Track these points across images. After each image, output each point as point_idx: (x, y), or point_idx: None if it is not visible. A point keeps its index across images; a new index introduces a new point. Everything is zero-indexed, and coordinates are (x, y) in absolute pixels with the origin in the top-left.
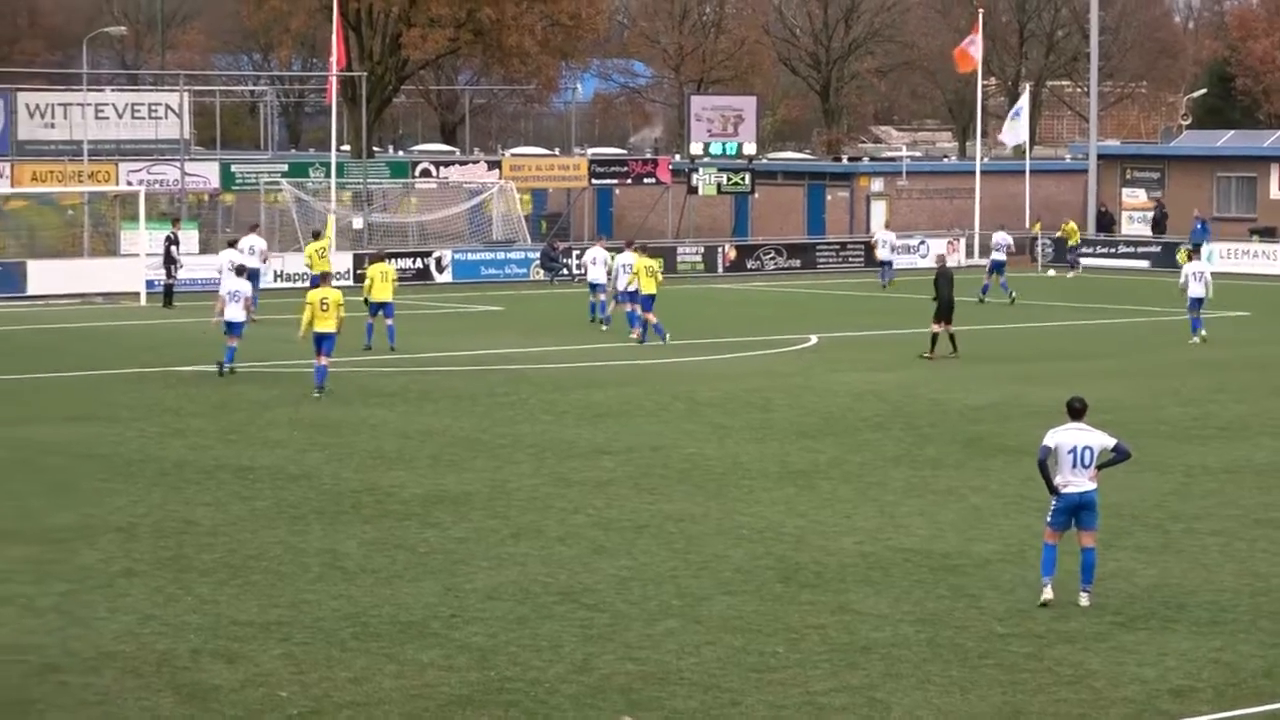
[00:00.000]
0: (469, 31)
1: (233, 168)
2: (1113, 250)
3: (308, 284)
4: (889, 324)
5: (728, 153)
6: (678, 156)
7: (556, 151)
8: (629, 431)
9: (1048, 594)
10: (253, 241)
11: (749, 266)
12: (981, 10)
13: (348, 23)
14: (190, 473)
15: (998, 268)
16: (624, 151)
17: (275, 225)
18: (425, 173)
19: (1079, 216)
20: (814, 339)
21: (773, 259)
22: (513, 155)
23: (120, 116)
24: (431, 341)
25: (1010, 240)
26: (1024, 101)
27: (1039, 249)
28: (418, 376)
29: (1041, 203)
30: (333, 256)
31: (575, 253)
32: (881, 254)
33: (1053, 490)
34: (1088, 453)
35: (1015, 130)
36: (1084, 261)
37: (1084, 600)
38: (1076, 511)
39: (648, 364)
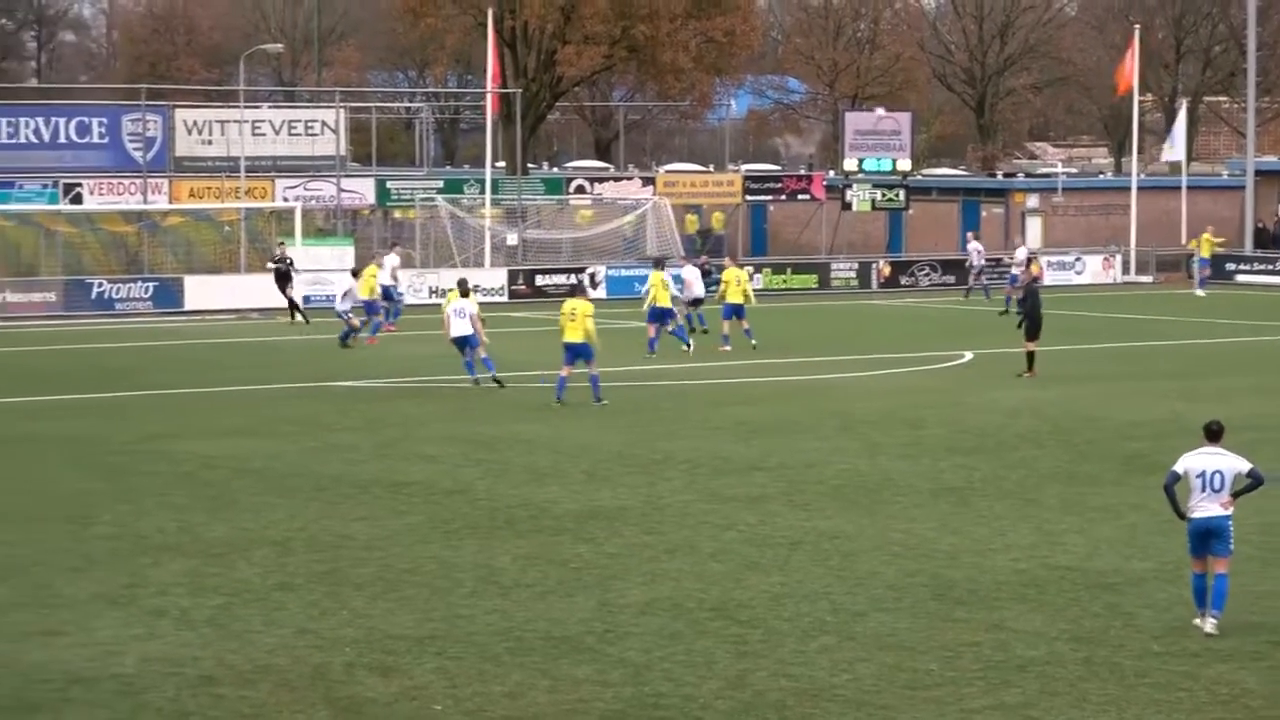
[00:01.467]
0: (624, 48)
1: (388, 184)
2: (1271, 267)
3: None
4: (1044, 341)
5: (882, 169)
6: (832, 172)
7: (710, 168)
8: (782, 447)
9: (1207, 626)
10: (392, 260)
11: (903, 283)
12: (1138, 26)
13: (503, 40)
14: (345, 487)
15: None
16: (778, 168)
17: (430, 241)
18: (579, 189)
19: (1235, 233)
20: (968, 355)
21: (927, 275)
22: (666, 171)
23: (277, 133)
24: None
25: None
26: (1181, 119)
27: (1193, 266)
28: (572, 392)
29: (1199, 219)
30: (485, 274)
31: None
32: (973, 263)
33: (1180, 515)
34: (1218, 477)
35: (1176, 149)
36: (1241, 279)
37: (1208, 627)
38: (1205, 537)
39: (799, 380)
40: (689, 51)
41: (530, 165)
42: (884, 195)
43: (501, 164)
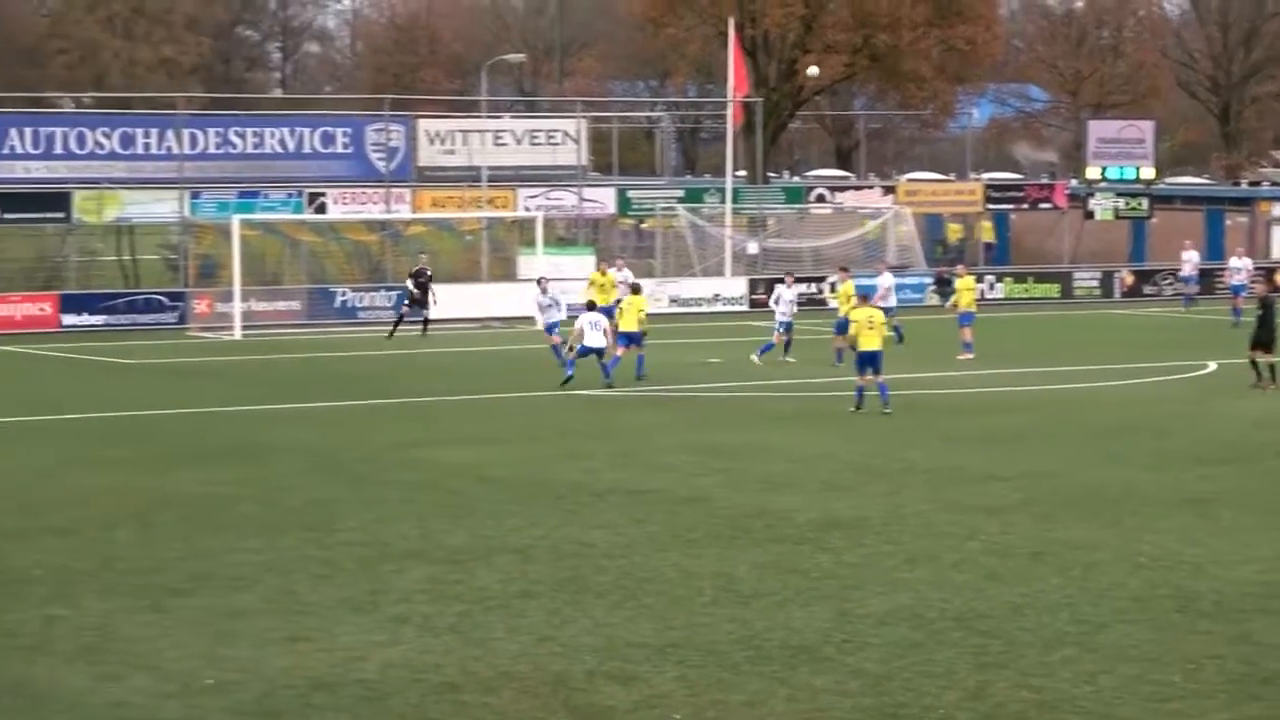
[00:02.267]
0: (865, 57)
1: (628, 193)
2: None
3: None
4: None
5: (1125, 177)
6: (1074, 181)
7: (951, 176)
8: (1023, 457)
9: None
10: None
11: (1146, 292)
12: None
13: (744, 48)
14: (584, 495)
15: None
16: (1019, 176)
17: (670, 251)
18: (820, 198)
19: None
20: (1212, 365)
21: (1170, 284)
22: (908, 180)
23: (518, 143)
24: (822, 367)
25: None
26: None
27: None
28: (809, 400)
29: None
30: (726, 283)
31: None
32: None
33: None
34: None
35: None
36: None
37: None
38: None
39: (1039, 390)
40: (930, 60)
41: (770, 174)
42: (1127, 204)
43: (742, 173)
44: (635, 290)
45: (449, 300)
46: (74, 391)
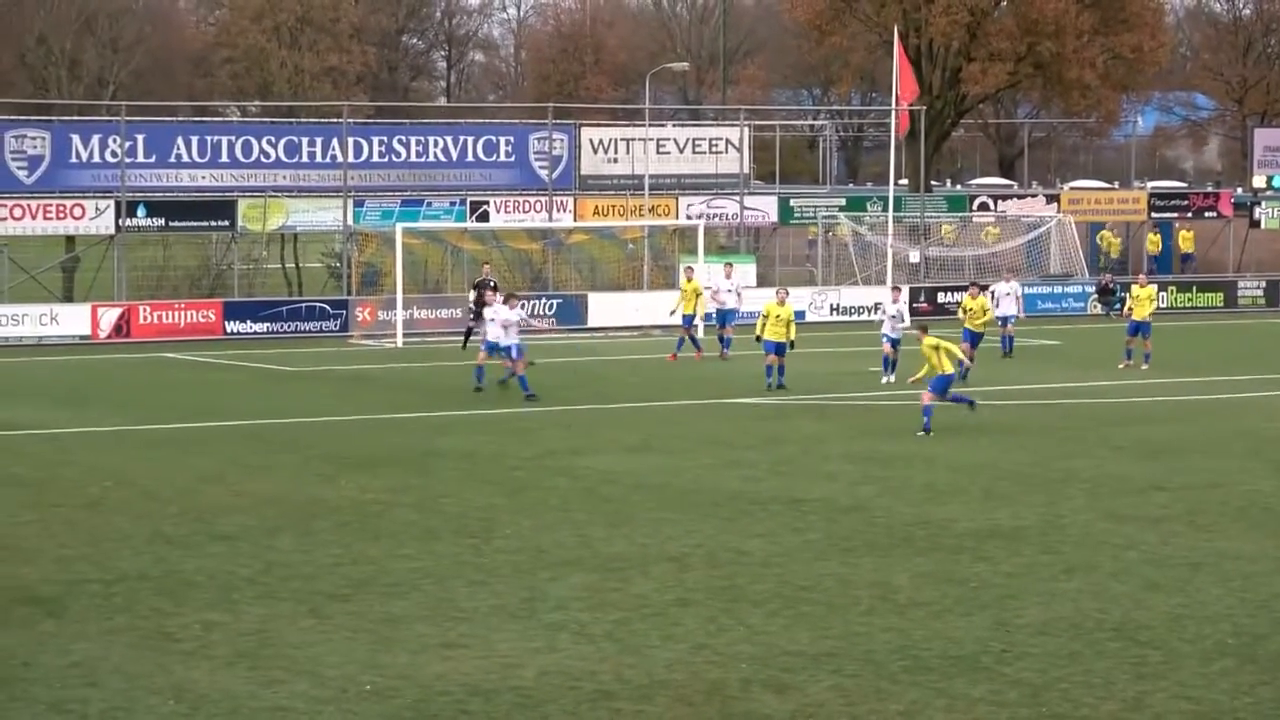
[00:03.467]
0: (1029, 65)
1: (791, 202)
2: None
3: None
4: None
5: None
6: (1240, 189)
7: (1115, 185)
8: (1185, 467)
9: None
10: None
11: None
12: None
13: (908, 56)
14: (743, 504)
15: None
16: (1184, 185)
17: (832, 259)
18: (983, 206)
19: None
20: None
21: None
22: (1071, 189)
23: (680, 151)
24: (987, 375)
25: None
26: None
27: None
28: (971, 411)
29: None
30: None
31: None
32: None
33: None
34: None
35: None
36: None
37: None
38: None
39: (1205, 400)
40: (1095, 68)
41: (933, 182)
42: None
43: (904, 181)
44: (781, 300)
45: (611, 308)
46: (237, 398)
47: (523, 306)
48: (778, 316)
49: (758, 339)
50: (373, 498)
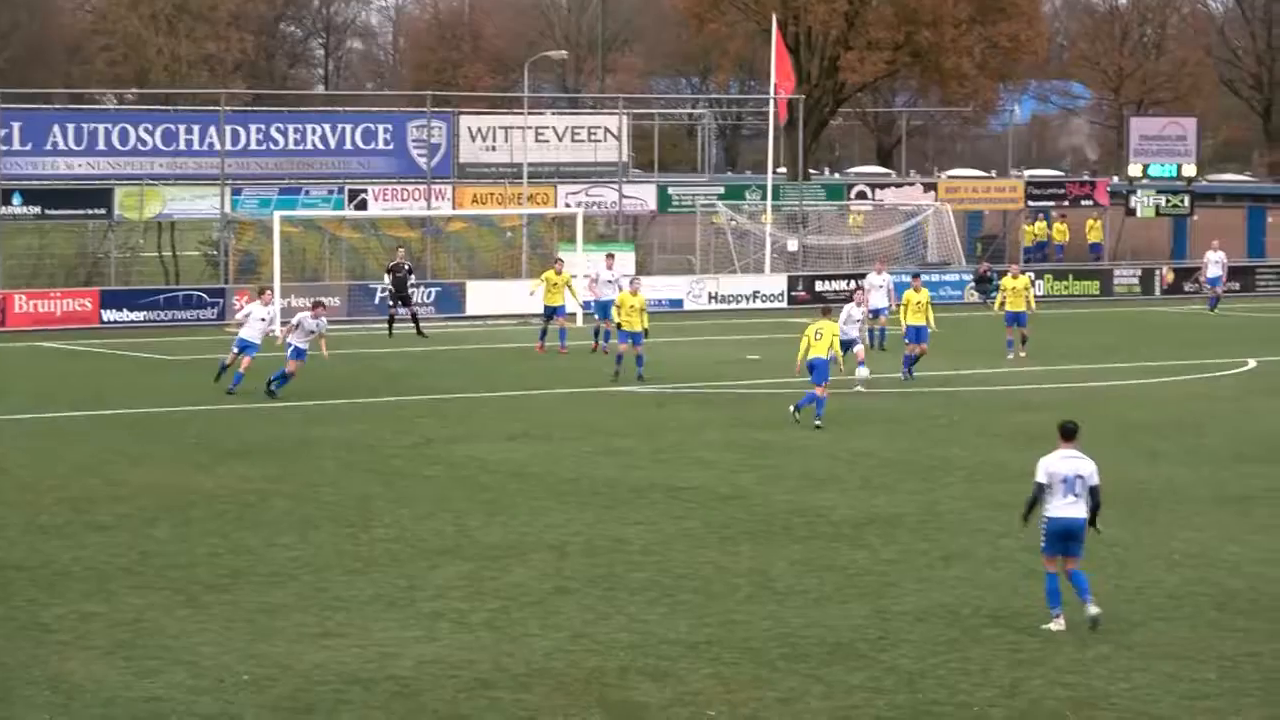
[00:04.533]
0: (907, 54)
1: (669, 190)
2: None
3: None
4: None
5: (1166, 174)
6: (1115, 178)
7: (992, 173)
8: None
9: (1058, 624)
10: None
11: (1187, 289)
12: None
13: (786, 45)
14: (621, 492)
15: None
16: (1061, 173)
17: (710, 248)
18: (860, 195)
19: None
20: (1252, 363)
21: (1206, 280)
22: (948, 177)
23: (559, 139)
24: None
25: None
26: None
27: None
28: (848, 399)
29: None
30: (765, 280)
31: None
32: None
33: (1026, 519)
34: (1079, 481)
35: None
36: None
37: (1092, 610)
38: (1065, 539)
39: (1081, 387)
40: (973, 57)
41: (811, 171)
42: (1168, 201)
43: (783, 170)
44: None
45: (489, 296)
46: (114, 388)
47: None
48: (631, 306)
49: (617, 328)
50: (250, 487)
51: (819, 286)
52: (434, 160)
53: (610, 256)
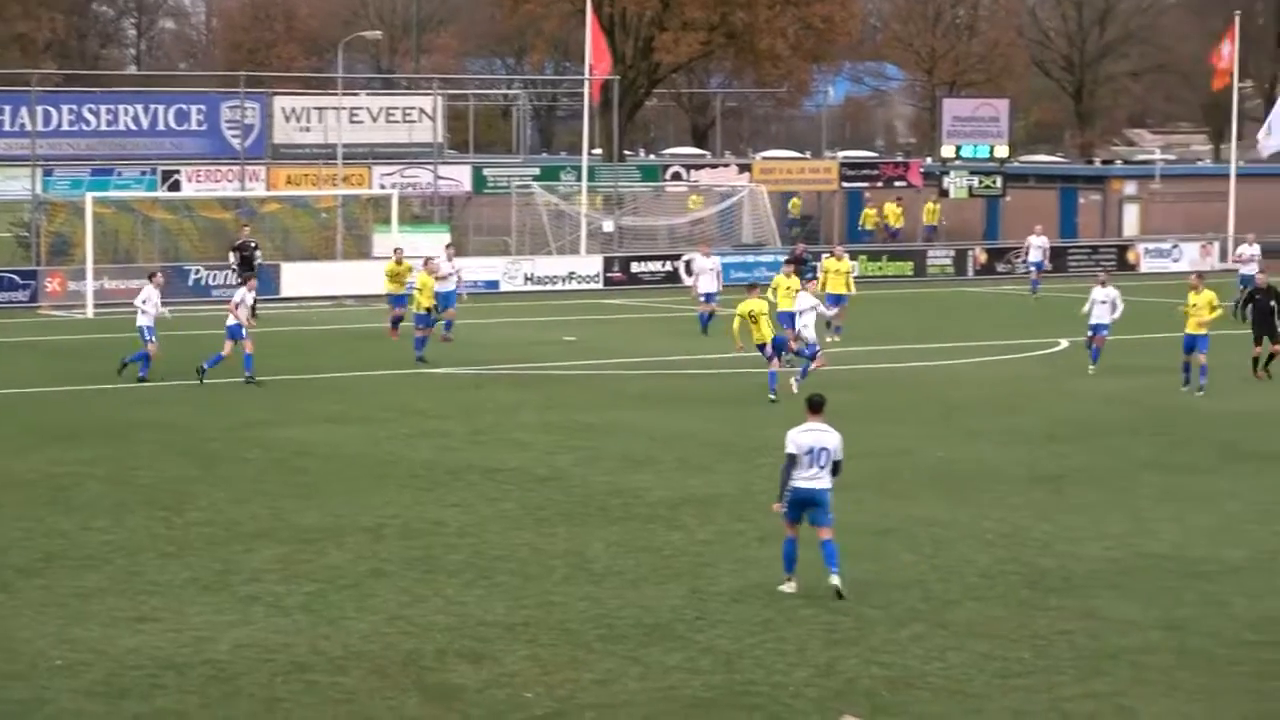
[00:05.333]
0: (721, 35)
1: (485, 171)
2: None
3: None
4: (1140, 328)
5: (979, 155)
6: (929, 159)
7: (807, 154)
8: (875, 435)
9: (789, 588)
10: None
11: (999, 270)
12: (1238, 13)
13: (601, 26)
14: (439, 474)
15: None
16: (875, 154)
17: (526, 229)
18: (676, 176)
19: None
20: (1064, 343)
21: (1024, 262)
22: (763, 158)
23: (374, 120)
24: (678, 344)
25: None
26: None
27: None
28: (666, 379)
29: None
30: (581, 261)
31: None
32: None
33: (782, 495)
34: (824, 454)
35: (1274, 139)
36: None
37: (835, 580)
38: (807, 506)
39: (896, 368)
40: (787, 38)
41: (627, 152)
42: (981, 182)
43: (598, 151)
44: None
45: (303, 278)
46: None
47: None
48: (427, 286)
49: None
50: (64, 470)
51: (635, 268)
52: (248, 141)
53: (449, 247)
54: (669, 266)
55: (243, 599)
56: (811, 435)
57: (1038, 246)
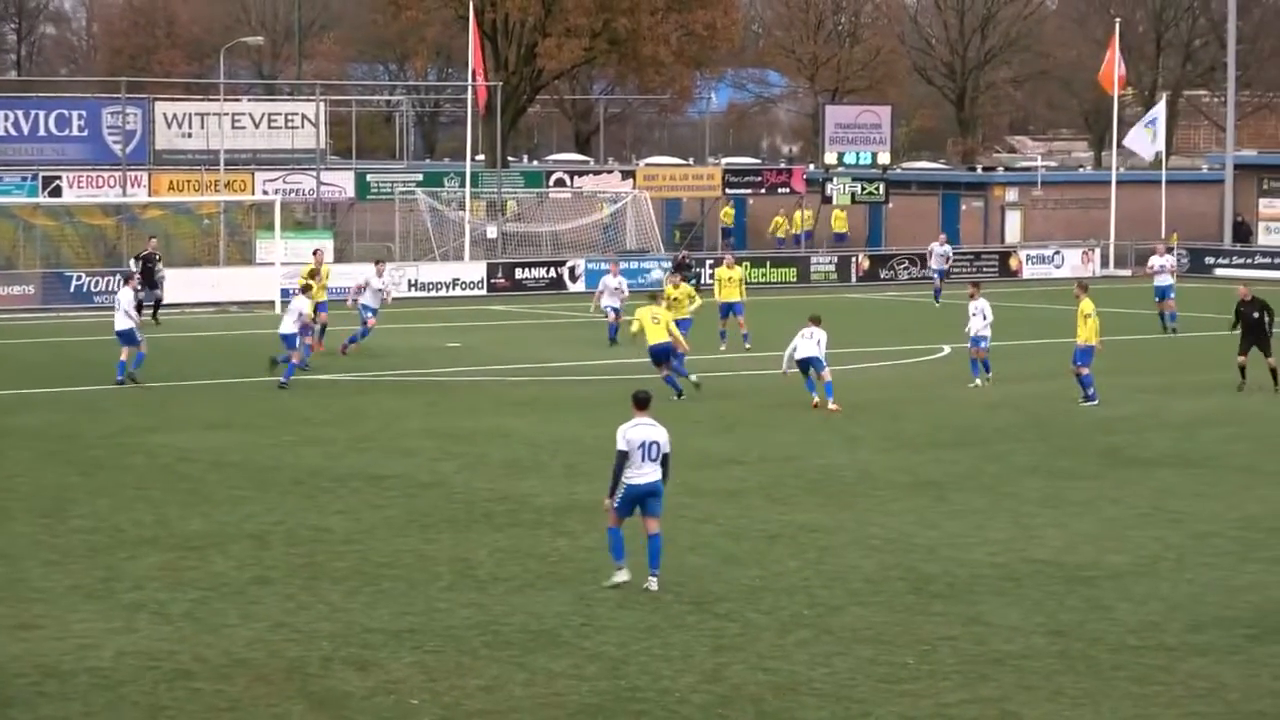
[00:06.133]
0: (604, 41)
1: (368, 177)
2: (1249, 261)
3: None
4: (1022, 334)
5: (862, 162)
6: (812, 166)
7: (690, 161)
8: (760, 441)
9: (622, 576)
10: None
11: (882, 276)
12: (1119, 20)
13: (484, 32)
14: (323, 481)
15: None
16: (758, 161)
17: (410, 235)
18: (559, 182)
19: (1215, 227)
20: (947, 349)
21: (906, 269)
22: (647, 165)
23: (257, 126)
24: (563, 351)
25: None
26: (1159, 111)
27: (1174, 260)
28: (550, 385)
29: (1178, 213)
30: (465, 267)
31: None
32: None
33: (613, 491)
34: (655, 448)
35: (1142, 139)
36: (1220, 273)
37: (652, 584)
38: (642, 500)
39: (779, 374)
40: (669, 45)
41: (510, 158)
42: (864, 189)
43: (481, 157)
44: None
45: (186, 284)
46: None
47: None
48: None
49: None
50: None
51: (518, 274)
52: (129, 147)
53: (380, 263)
54: (553, 273)
55: (126, 606)
56: (641, 430)
57: (940, 254)
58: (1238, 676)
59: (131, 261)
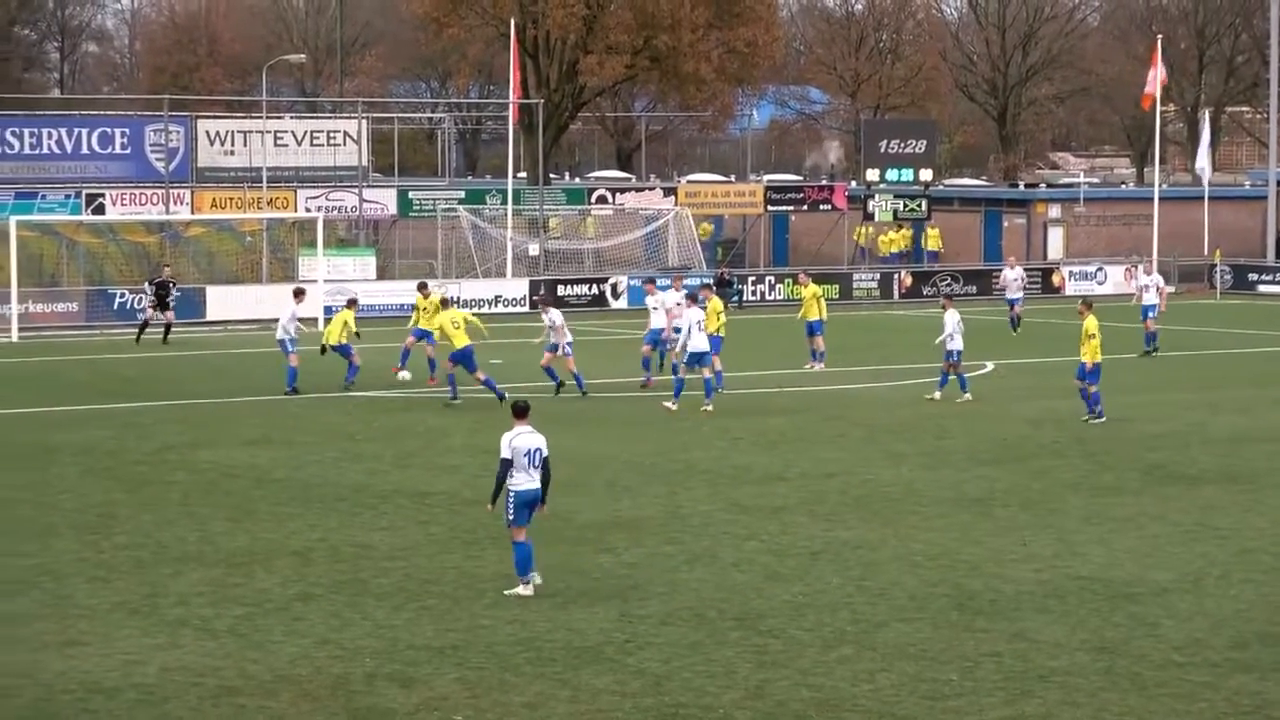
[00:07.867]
0: (646, 58)
1: (410, 194)
2: None
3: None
4: (1066, 351)
5: (904, 179)
6: (854, 183)
7: (732, 178)
8: (804, 458)
9: (528, 590)
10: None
11: (925, 293)
12: (1160, 37)
13: (525, 50)
14: (367, 497)
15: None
16: (799, 178)
17: (451, 253)
18: (601, 199)
19: (1258, 243)
20: (990, 365)
21: (949, 285)
22: (688, 182)
23: (299, 143)
24: (607, 367)
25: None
26: (1205, 129)
27: (1217, 276)
28: (593, 402)
29: (1220, 230)
30: (507, 284)
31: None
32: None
33: (495, 497)
34: (537, 454)
35: (1208, 160)
36: (1264, 289)
37: (531, 590)
38: (532, 505)
39: (822, 390)
40: (711, 62)
41: (552, 175)
42: (906, 206)
43: (523, 174)
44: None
45: (230, 301)
46: None
47: None
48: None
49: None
50: None
51: (561, 291)
52: (172, 164)
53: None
54: (595, 290)
55: (171, 623)
56: (524, 439)
57: (1015, 282)
58: None
59: (146, 285)
